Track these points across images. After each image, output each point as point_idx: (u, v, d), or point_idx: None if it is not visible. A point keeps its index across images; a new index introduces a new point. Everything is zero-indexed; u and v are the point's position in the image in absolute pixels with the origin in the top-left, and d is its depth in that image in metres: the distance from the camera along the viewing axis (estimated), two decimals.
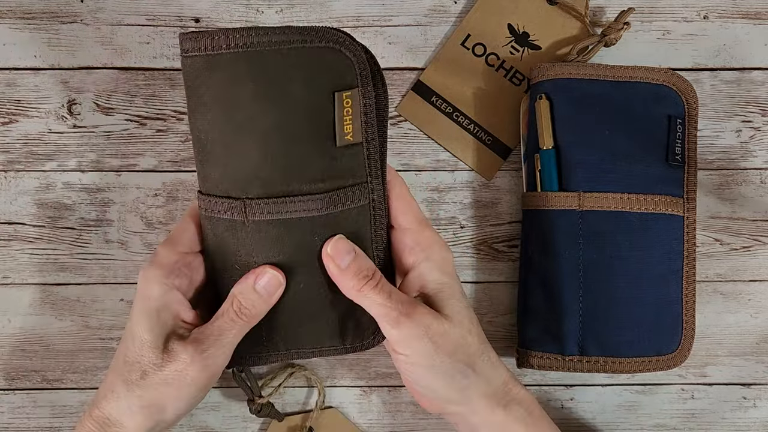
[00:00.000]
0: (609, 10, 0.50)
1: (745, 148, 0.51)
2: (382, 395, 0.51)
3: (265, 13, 0.50)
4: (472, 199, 0.51)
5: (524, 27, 0.50)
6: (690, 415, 0.51)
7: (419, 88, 0.50)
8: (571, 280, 0.46)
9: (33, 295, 0.50)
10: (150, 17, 0.50)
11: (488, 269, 0.51)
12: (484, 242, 0.51)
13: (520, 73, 0.50)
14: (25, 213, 0.50)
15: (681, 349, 0.47)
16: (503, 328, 0.51)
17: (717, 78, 0.50)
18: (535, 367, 0.47)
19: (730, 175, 0.51)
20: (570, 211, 0.47)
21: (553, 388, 0.51)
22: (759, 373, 0.51)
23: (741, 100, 0.50)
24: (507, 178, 0.51)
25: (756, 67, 0.50)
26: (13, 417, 0.50)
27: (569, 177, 0.47)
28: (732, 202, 0.50)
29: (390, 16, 0.50)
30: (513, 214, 0.51)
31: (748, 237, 0.51)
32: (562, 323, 0.47)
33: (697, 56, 0.50)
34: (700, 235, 0.50)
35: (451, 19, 0.51)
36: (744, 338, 0.51)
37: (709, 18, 0.50)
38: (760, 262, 0.51)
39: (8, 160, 0.49)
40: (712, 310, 0.51)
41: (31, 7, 0.49)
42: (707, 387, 0.51)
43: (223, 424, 0.51)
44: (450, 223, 0.51)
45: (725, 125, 0.51)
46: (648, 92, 0.47)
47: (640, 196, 0.46)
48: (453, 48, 0.50)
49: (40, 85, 0.49)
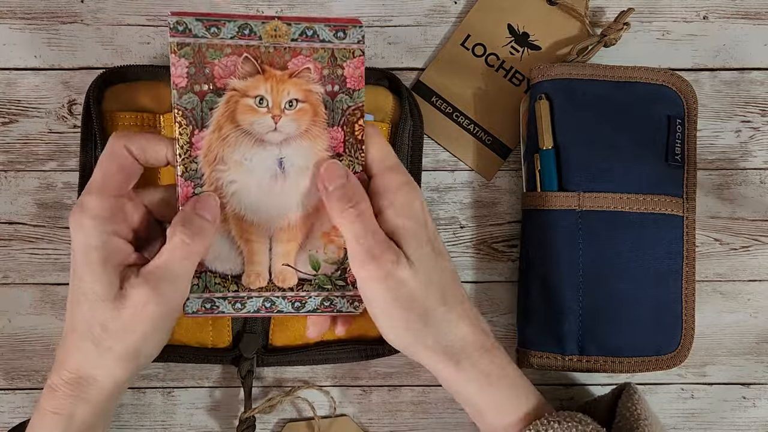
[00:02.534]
0: (609, 10, 0.50)
1: (745, 148, 0.51)
2: (382, 395, 0.51)
3: (264, 13, 0.50)
4: (472, 199, 0.51)
5: (524, 27, 0.50)
6: (690, 415, 0.51)
7: (419, 88, 0.51)
8: (570, 279, 0.46)
9: (33, 295, 0.50)
10: (150, 17, 0.50)
11: (488, 269, 0.51)
12: (484, 242, 0.51)
13: (519, 73, 0.50)
14: (25, 213, 0.50)
15: (680, 348, 0.47)
16: (503, 328, 0.51)
17: (716, 78, 0.51)
18: (534, 367, 0.48)
19: (729, 175, 0.51)
20: (570, 211, 0.47)
21: (553, 387, 0.51)
22: (758, 372, 0.51)
23: (740, 101, 0.51)
24: (507, 178, 0.51)
25: (755, 68, 0.50)
26: (13, 416, 0.50)
27: (569, 177, 0.47)
28: (731, 202, 0.51)
29: (390, 16, 0.51)
30: (513, 214, 0.51)
31: (747, 237, 0.51)
32: (562, 323, 0.47)
33: (697, 56, 0.51)
34: (700, 235, 0.50)
35: (451, 19, 0.51)
36: (743, 338, 0.51)
37: (708, 18, 0.50)
38: (759, 262, 0.51)
39: (8, 160, 0.49)
40: (711, 310, 0.51)
41: (32, 8, 0.49)
42: (707, 387, 0.51)
43: (222, 424, 0.51)
44: (450, 223, 0.51)
45: (725, 125, 0.51)
46: (648, 92, 0.47)
47: (639, 196, 0.46)
48: (453, 48, 0.50)
49: (41, 85, 0.49)
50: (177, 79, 0.38)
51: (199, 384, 0.51)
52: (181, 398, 0.51)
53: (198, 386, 0.51)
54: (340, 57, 0.39)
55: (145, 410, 0.51)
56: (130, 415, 0.50)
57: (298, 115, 0.39)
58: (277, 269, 0.40)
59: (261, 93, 0.39)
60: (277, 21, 0.39)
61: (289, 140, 0.39)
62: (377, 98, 0.48)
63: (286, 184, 0.40)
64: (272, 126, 0.39)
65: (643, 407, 0.43)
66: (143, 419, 0.51)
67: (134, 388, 0.50)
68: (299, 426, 0.50)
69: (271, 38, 0.39)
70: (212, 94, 0.38)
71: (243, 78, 0.38)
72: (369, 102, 0.48)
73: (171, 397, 0.51)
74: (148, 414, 0.51)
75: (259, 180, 0.39)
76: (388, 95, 0.48)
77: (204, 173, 0.39)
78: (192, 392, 0.51)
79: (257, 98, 0.39)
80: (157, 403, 0.51)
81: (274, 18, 0.39)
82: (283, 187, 0.40)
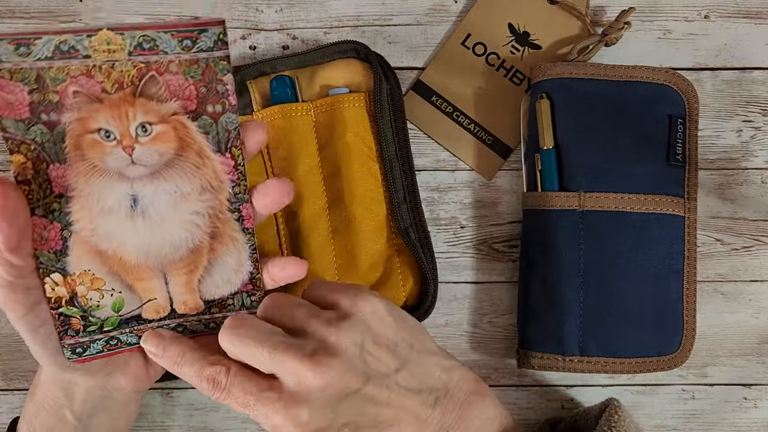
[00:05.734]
0: (610, 9, 0.50)
1: (746, 147, 0.50)
2: None
3: (264, 13, 0.50)
4: (472, 199, 0.51)
5: (525, 26, 0.50)
6: (691, 416, 0.51)
7: (419, 87, 0.50)
8: (571, 280, 0.46)
9: None
10: (149, 16, 0.50)
11: (488, 269, 0.51)
12: (484, 242, 0.51)
13: (520, 72, 0.50)
14: None
15: (682, 349, 0.47)
16: (503, 328, 0.51)
17: (718, 78, 0.50)
18: (535, 368, 0.47)
19: (730, 174, 0.50)
20: (570, 211, 0.46)
21: (554, 388, 0.51)
22: (760, 373, 0.51)
23: (742, 100, 0.50)
24: (507, 178, 0.51)
25: (757, 67, 0.50)
26: (11, 417, 0.49)
27: (570, 177, 0.47)
28: (733, 202, 0.50)
29: (390, 15, 0.50)
30: (513, 214, 0.51)
31: (748, 237, 0.50)
32: (563, 323, 0.46)
33: (698, 56, 0.50)
34: (701, 235, 0.50)
35: (452, 18, 0.51)
36: (745, 338, 0.51)
37: (710, 17, 0.50)
38: (760, 263, 0.50)
39: (8, 160, 0.49)
40: (712, 311, 0.51)
41: (30, 7, 0.49)
42: (708, 387, 0.51)
43: (222, 424, 0.50)
44: (450, 223, 0.51)
45: (726, 125, 0.50)
46: (649, 92, 0.47)
47: (640, 196, 0.46)
48: (453, 47, 0.50)
49: None
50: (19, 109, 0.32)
51: None
52: (180, 399, 0.50)
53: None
54: (219, 69, 0.34)
55: (144, 411, 0.50)
56: None
57: (158, 141, 0.34)
58: (179, 299, 0.38)
59: (102, 125, 0.33)
60: (107, 32, 0.32)
61: (156, 174, 0.35)
62: (348, 70, 0.48)
63: (148, 221, 0.35)
64: (128, 159, 0.34)
65: (621, 430, 0.41)
66: (142, 420, 0.50)
67: None
68: None
69: (103, 54, 0.32)
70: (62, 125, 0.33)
71: (78, 110, 0.33)
72: (341, 76, 0.48)
73: (170, 398, 0.51)
74: (147, 415, 0.50)
75: (121, 220, 0.35)
76: (358, 64, 0.48)
77: (71, 210, 0.34)
78: (191, 393, 0.50)
79: (101, 132, 0.33)
80: (155, 404, 0.50)
81: (101, 29, 0.32)
82: (148, 224, 0.35)
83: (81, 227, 0.35)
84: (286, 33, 0.50)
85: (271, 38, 0.50)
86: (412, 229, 0.48)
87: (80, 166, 0.34)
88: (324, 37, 0.50)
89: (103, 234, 0.35)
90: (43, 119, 0.32)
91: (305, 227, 0.48)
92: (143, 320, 0.38)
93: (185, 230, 0.36)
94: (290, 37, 0.50)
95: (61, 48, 0.32)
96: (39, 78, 0.32)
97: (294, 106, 0.48)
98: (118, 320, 0.38)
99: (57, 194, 0.34)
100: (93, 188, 0.34)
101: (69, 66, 0.32)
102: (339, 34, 0.50)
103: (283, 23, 0.50)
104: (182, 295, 0.38)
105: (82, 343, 0.37)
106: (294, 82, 0.49)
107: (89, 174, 0.34)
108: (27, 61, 0.31)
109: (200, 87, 0.34)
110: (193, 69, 0.33)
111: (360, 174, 0.47)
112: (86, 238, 0.35)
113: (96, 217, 0.35)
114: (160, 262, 0.37)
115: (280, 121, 0.48)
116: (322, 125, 0.48)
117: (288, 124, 0.48)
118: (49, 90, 0.32)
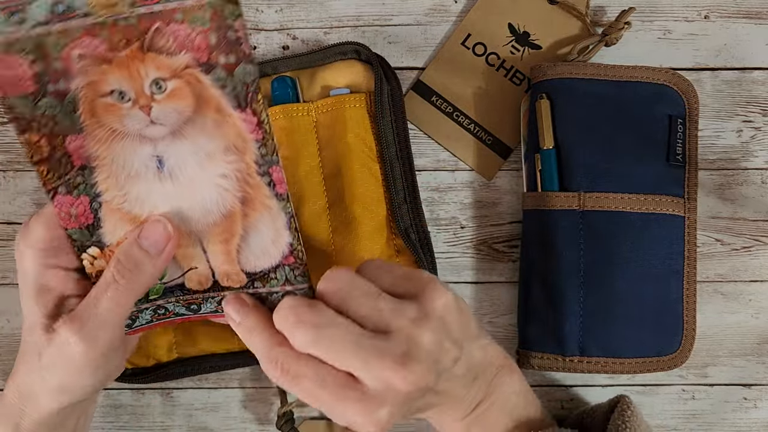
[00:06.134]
0: (610, 9, 0.50)
1: (746, 148, 0.50)
2: None
3: (264, 13, 0.50)
4: (472, 199, 0.51)
5: (525, 26, 0.50)
6: (691, 416, 0.51)
7: (419, 87, 0.50)
8: (571, 280, 0.46)
9: None
10: None
11: (488, 269, 0.51)
12: (485, 242, 0.51)
13: (520, 72, 0.50)
14: (24, 213, 0.49)
15: (682, 349, 0.47)
16: (503, 328, 0.51)
17: (718, 78, 0.50)
18: (535, 368, 0.47)
19: (731, 175, 0.50)
20: (571, 212, 0.46)
21: (554, 388, 0.51)
22: (760, 374, 0.51)
23: (742, 100, 0.50)
24: (507, 178, 0.51)
25: (757, 67, 0.50)
26: None
27: (570, 177, 0.47)
28: (733, 202, 0.50)
29: (390, 15, 0.50)
30: (513, 214, 0.51)
31: (748, 237, 0.50)
32: (563, 324, 0.46)
33: (698, 56, 0.50)
34: (701, 235, 0.50)
35: (452, 18, 0.51)
36: (745, 339, 0.51)
37: (710, 18, 0.50)
38: (761, 263, 0.50)
39: (8, 160, 0.49)
40: (712, 311, 0.51)
41: None
42: (708, 388, 0.51)
43: (222, 424, 0.50)
44: (450, 223, 0.51)
45: (726, 125, 0.50)
46: (649, 92, 0.47)
47: (640, 196, 0.46)
48: (453, 47, 0.50)
49: None
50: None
51: (198, 385, 0.50)
52: (180, 399, 0.50)
53: (197, 387, 0.50)
54: (228, 14, 0.30)
55: (144, 411, 0.50)
56: (129, 416, 0.50)
57: (175, 97, 0.31)
58: (220, 270, 0.36)
59: (115, 87, 0.31)
60: None
61: (177, 134, 0.32)
62: (350, 71, 0.48)
63: (176, 183, 0.34)
64: (146, 119, 0.32)
65: (634, 425, 0.42)
66: (142, 420, 0.50)
67: (133, 388, 0.50)
68: (317, 425, 0.49)
69: (104, 9, 0.29)
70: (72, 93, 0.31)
71: (86, 74, 0.31)
72: (342, 77, 0.48)
73: (170, 398, 0.50)
74: (147, 415, 0.50)
75: (149, 183, 0.34)
76: (359, 66, 0.48)
77: (97, 181, 0.33)
78: (191, 393, 0.50)
79: (114, 93, 0.31)
80: (155, 404, 0.50)
81: None
82: (177, 186, 0.34)
83: (110, 196, 0.33)
84: (286, 33, 0.50)
85: (271, 38, 0.50)
86: (412, 230, 0.48)
87: (99, 132, 0.32)
88: (324, 37, 0.50)
89: (134, 200, 0.34)
90: (50, 90, 0.30)
91: (306, 227, 0.48)
92: (188, 290, 0.36)
93: (215, 193, 0.34)
94: (290, 37, 0.50)
95: (56, 9, 0.29)
96: (38, 46, 0.29)
97: (295, 106, 0.48)
98: (162, 288, 0.36)
99: (79, 167, 0.32)
100: (116, 154, 0.32)
101: (68, 28, 0.29)
102: (339, 34, 0.50)
103: (283, 23, 0.50)
104: (222, 265, 0.36)
105: (132, 313, 0.36)
106: (295, 82, 0.49)
107: (110, 139, 0.32)
108: (22, 30, 0.29)
109: (209, 35, 0.30)
110: (200, 15, 0.30)
111: (360, 174, 0.47)
112: (117, 206, 0.34)
113: (125, 184, 0.33)
114: (194, 228, 0.35)
115: (281, 122, 0.48)
116: (323, 126, 0.48)
117: (289, 125, 0.48)
118: (51, 57, 0.29)
